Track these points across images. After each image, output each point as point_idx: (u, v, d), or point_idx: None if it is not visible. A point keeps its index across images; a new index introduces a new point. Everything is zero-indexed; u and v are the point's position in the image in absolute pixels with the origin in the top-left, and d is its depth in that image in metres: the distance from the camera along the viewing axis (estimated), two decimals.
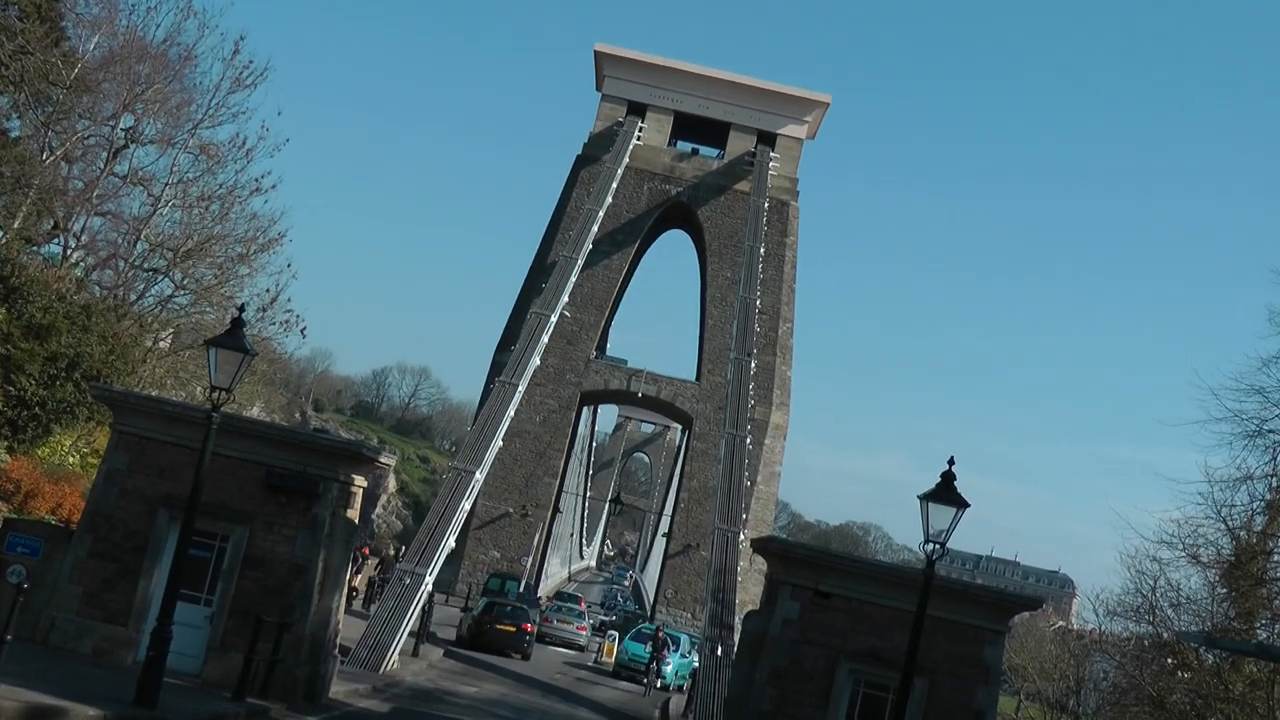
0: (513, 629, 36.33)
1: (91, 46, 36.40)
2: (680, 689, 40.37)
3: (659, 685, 38.64)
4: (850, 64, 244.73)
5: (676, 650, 41.95)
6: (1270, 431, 27.58)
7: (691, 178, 66.00)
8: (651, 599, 72.02)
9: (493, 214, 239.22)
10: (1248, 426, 28.70)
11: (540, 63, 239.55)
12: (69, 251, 37.93)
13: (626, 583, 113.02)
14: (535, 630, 38.66)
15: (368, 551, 45.90)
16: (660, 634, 40.60)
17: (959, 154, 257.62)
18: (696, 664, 37.43)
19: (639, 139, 64.44)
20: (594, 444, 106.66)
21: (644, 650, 40.74)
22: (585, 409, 75.18)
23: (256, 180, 40.14)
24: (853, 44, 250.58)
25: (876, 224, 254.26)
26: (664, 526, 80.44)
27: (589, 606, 61.74)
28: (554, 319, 49.04)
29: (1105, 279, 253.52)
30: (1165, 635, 32.85)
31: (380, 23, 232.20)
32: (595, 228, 56.78)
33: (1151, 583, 32.54)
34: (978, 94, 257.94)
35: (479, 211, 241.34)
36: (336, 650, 21.81)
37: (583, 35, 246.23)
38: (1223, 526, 29.45)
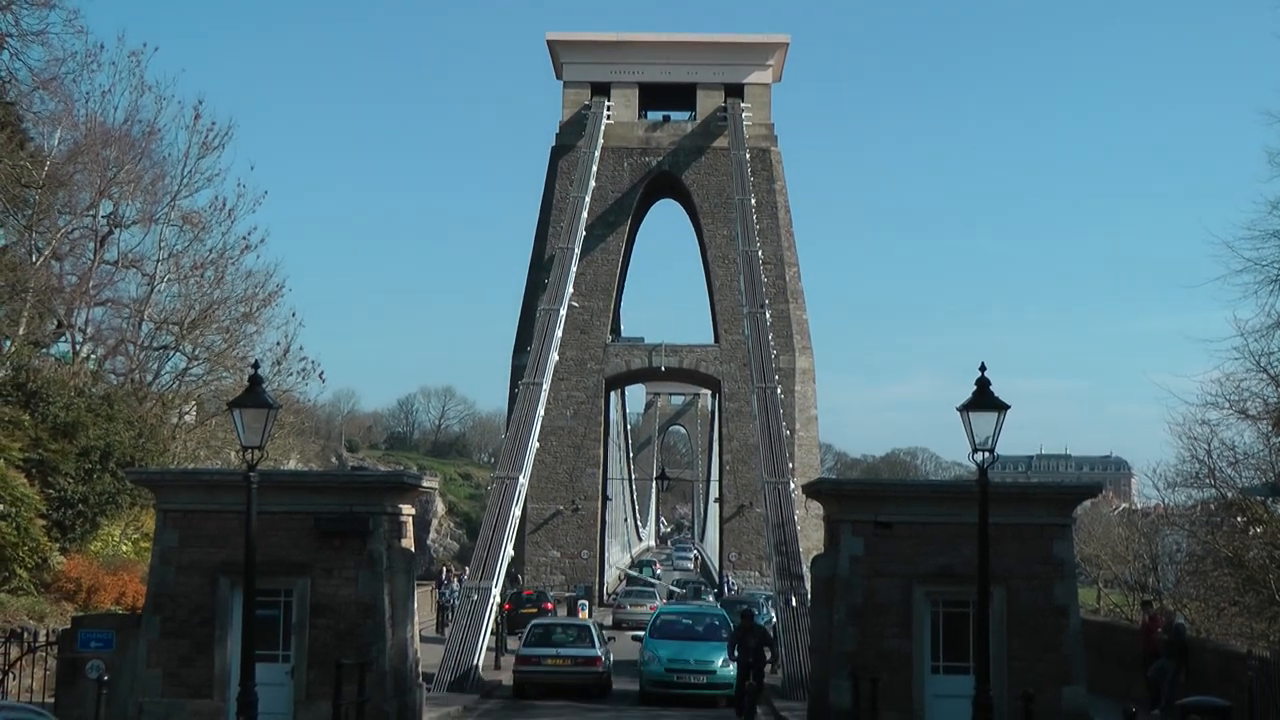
0: (535, 610, 43.66)
1: (56, 142, 36.47)
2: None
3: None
4: None
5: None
6: None
7: (668, 145, 65.81)
8: (717, 566, 72.11)
9: (482, 223, 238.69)
10: (1269, 272, 28.52)
11: (497, 64, 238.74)
12: (78, 346, 38.15)
13: (691, 564, 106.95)
14: (554, 608, 46.03)
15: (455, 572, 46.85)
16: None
17: (942, 51, 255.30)
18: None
19: (609, 118, 64.20)
20: (628, 426, 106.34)
21: (716, 656, 26.25)
22: (613, 394, 75.23)
23: (244, 238, 40.46)
24: None
25: (867, 151, 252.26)
26: (714, 492, 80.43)
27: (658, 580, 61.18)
28: (563, 312, 49.01)
29: (1097, 134, 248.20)
30: (1230, 495, 32.73)
31: (328, 58, 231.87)
32: (584, 214, 56.69)
33: (1206, 446, 32.42)
34: None
35: (468, 224, 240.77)
36: (420, 679, 21.93)
37: (533, 29, 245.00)
38: (1265, 376, 29.29)
